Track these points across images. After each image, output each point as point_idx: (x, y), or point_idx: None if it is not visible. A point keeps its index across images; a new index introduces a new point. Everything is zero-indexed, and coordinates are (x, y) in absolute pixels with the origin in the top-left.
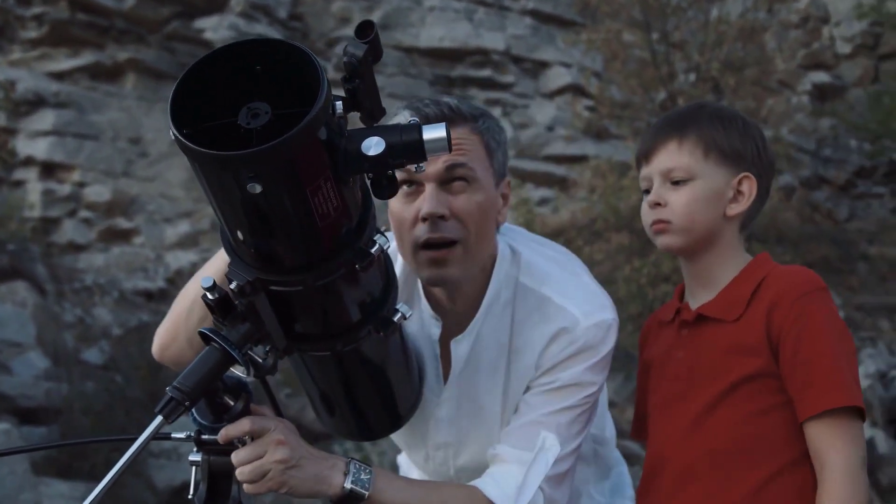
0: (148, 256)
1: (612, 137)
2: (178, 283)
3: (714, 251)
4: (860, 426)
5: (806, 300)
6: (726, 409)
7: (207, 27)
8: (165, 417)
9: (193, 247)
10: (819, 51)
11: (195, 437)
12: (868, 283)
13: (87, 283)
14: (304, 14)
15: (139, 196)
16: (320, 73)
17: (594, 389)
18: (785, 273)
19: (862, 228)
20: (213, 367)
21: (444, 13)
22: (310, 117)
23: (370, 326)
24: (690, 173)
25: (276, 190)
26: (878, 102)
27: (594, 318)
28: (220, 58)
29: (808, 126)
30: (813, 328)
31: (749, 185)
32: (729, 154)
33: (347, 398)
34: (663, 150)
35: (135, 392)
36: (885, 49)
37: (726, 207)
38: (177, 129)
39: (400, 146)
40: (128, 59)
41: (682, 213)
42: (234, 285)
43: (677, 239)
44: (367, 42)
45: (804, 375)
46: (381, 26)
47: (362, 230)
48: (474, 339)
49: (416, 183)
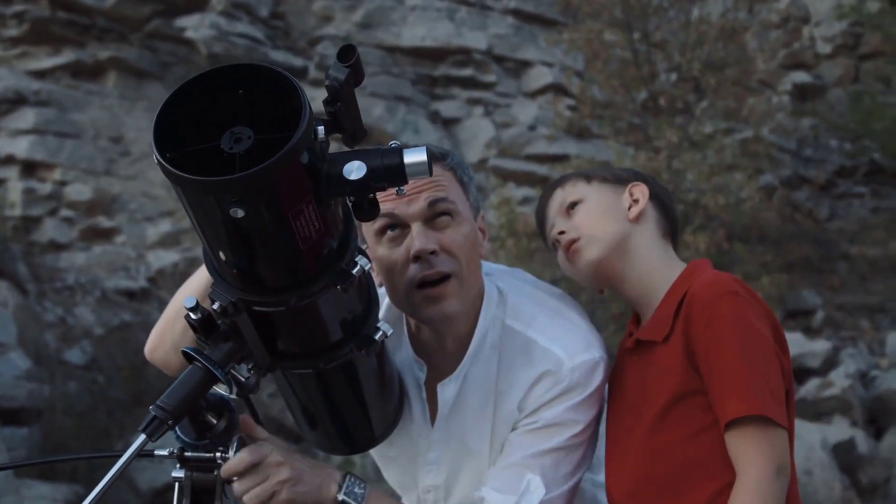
0: (129, 256)
1: (593, 137)
2: (160, 283)
3: (637, 262)
4: (778, 434)
5: (713, 306)
6: (663, 433)
7: (189, 26)
8: (149, 436)
9: (175, 246)
10: (800, 51)
11: (178, 455)
12: (849, 283)
13: (68, 282)
14: (285, 13)
15: (121, 195)
16: (302, 99)
17: (579, 429)
18: (700, 283)
19: (843, 228)
20: (196, 386)
21: (426, 12)
22: (292, 143)
23: (352, 345)
24: (579, 195)
25: (258, 214)
26: (859, 102)
27: (580, 358)
28: (203, 82)
29: (788, 126)
30: (719, 334)
31: (640, 189)
32: (609, 178)
33: (329, 413)
34: (550, 202)
35: (117, 393)
36: (866, 49)
37: (626, 213)
38: (159, 153)
39: (381, 170)
40: (109, 57)
41: (583, 225)
42: (217, 305)
43: (591, 250)
44: (349, 66)
45: (716, 386)
46: (363, 25)
47: (344, 251)
48: (462, 382)
49: (401, 225)
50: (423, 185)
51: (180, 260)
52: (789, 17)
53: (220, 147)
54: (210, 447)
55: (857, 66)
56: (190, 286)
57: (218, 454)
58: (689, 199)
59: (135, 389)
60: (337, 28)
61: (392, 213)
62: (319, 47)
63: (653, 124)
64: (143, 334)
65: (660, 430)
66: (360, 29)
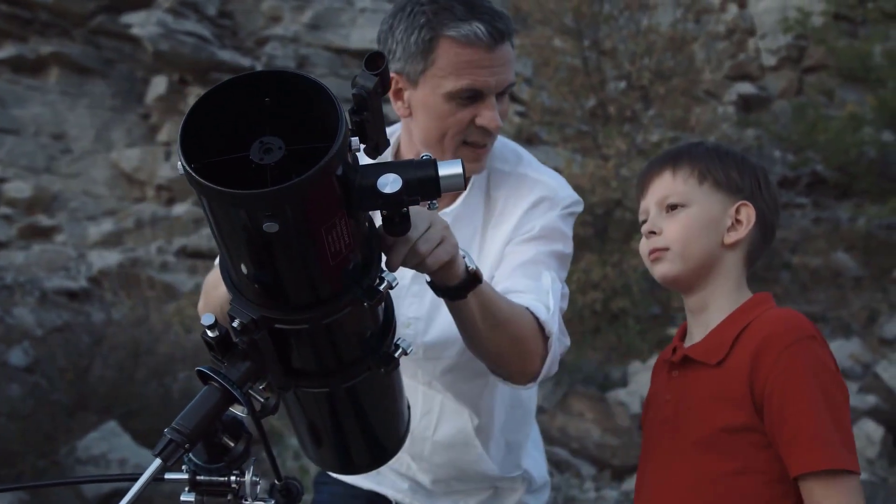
0: (70, 255)
1: (542, 143)
2: (102, 283)
3: (711, 284)
4: (855, 482)
5: (793, 351)
6: (704, 462)
7: (135, 22)
8: (164, 461)
9: (117, 246)
10: (745, 62)
11: (189, 478)
12: (791, 292)
13: (7, 281)
14: (233, 11)
15: (62, 193)
16: (338, 108)
17: (570, 243)
18: (773, 319)
19: (785, 238)
20: (214, 408)
21: (375, 14)
22: (331, 154)
23: (371, 363)
24: (685, 199)
25: (292, 228)
26: (802, 114)
27: (569, 190)
28: (228, 90)
29: (733, 136)
30: (798, 383)
31: (747, 212)
32: (724, 183)
33: (337, 433)
34: (658, 179)
35: (61, 396)
36: (809, 62)
37: (724, 235)
38: (187, 162)
39: (415, 183)
40: (51, 52)
41: (676, 238)
42: (237, 323)
43: (673, 266)
44: (378, 74)
45: (790, 433)
46: (312, 26)
47: (369, 266)
48: (451, 221)
49: (479, 95)
50: (504, 61)
51: (123, 260)
52: (736, 28)
53: (248, 157)
54: (224, 471)
55: (800, 78)
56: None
57: (233, 478)
58: (636, 207)
59: (79, 392)
60: (285, 29)
61: (479, 89)
62: (267, 47)
63: (601, 132)
64: (85, 335)
65: (701, 458)
66: (308, 30)
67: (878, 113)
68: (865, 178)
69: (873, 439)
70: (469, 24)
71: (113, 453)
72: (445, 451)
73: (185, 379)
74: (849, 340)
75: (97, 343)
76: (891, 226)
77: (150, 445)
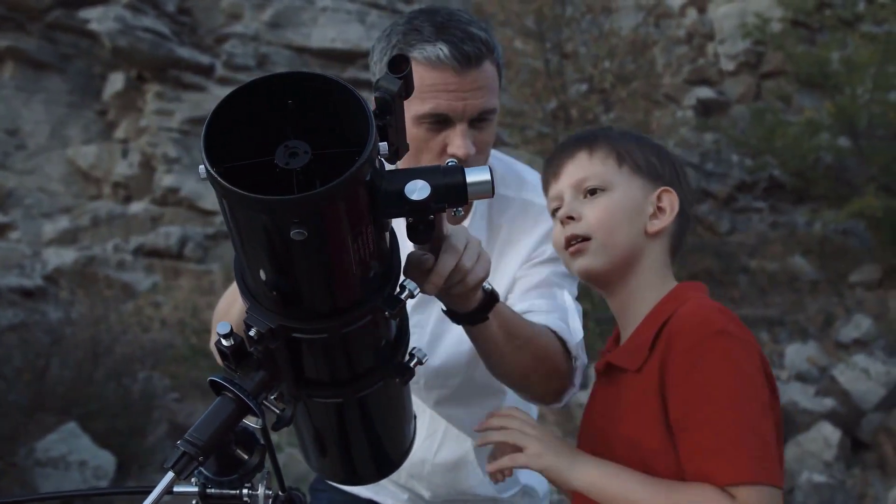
0: (25, 253)
1: (503, 145)
2: (57, 281)
3: (635, 279)
4: (774, 494)
5: (698, 349)
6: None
7: (92, 18)
8: (177, 474)
9: (73, 244)
10: (704, 67)
11: (200, 491)
12: (748, 296)
13: None
14: (192, 8)
15: (16, 190)
16: (368, 112)
17: None
18: (681, 316)
19: (743, 242)
20: (228, 419)
21: (336, 14)
22: (363, 159)
23: (386, 373)
24: (605, 182)
25: (319, 235)
26: (760, 119)
27: None
28: (251, 92)
29: (692, 140)
30: (703, 384)
31: (670, 199)
32: (644, 168)
33: (344, 443)
34: (572, 162)
35: (18, 397)
36: (768, 67)
37: (647, 224)
38: (211, 165)
39: (443, 189)
40: (6, 47)
41: (599, 226)
42: (254, 331)
43: (597, 260)
44: (402, 77)
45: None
46: (272, 25)
47: (389, 274)
48: None
49: (447, 120)
50: (477, 86)
51: (79, 257)
52: (695, 33)
53: (273, 162)
54: (236, 483)
55: (759, 83)
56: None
57: (245, 491)
58: None
59: (37, 393)
60: (245, 26)
61: (444, 114)
62: (227, 45)
63: (563, 134)
64: (41, 334)
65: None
66: (269, 28)
67: (835, 119)
68: (822, 183)
69: (830, 442)
70: (433, 46)
71: (73, 455)
72: (445, 473)
73: (144, 379)
74: (805, 344)
75: (55, 343)
76: (846, 230)
77: (109, 446)
